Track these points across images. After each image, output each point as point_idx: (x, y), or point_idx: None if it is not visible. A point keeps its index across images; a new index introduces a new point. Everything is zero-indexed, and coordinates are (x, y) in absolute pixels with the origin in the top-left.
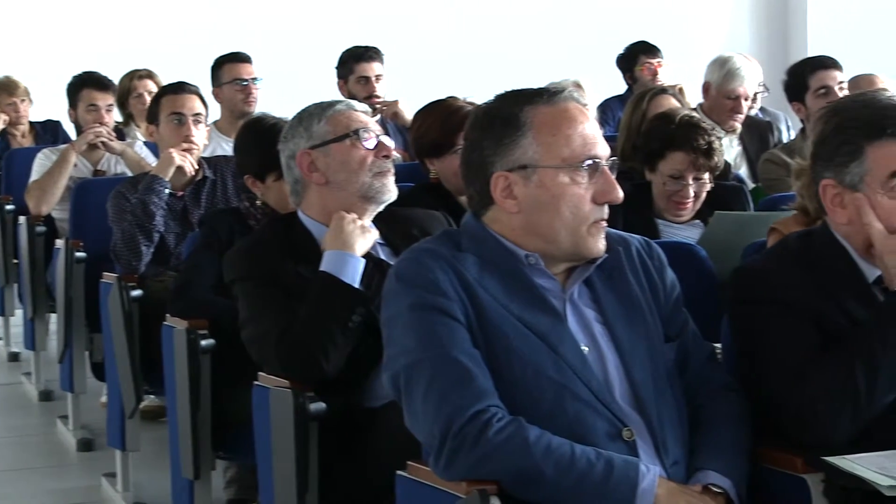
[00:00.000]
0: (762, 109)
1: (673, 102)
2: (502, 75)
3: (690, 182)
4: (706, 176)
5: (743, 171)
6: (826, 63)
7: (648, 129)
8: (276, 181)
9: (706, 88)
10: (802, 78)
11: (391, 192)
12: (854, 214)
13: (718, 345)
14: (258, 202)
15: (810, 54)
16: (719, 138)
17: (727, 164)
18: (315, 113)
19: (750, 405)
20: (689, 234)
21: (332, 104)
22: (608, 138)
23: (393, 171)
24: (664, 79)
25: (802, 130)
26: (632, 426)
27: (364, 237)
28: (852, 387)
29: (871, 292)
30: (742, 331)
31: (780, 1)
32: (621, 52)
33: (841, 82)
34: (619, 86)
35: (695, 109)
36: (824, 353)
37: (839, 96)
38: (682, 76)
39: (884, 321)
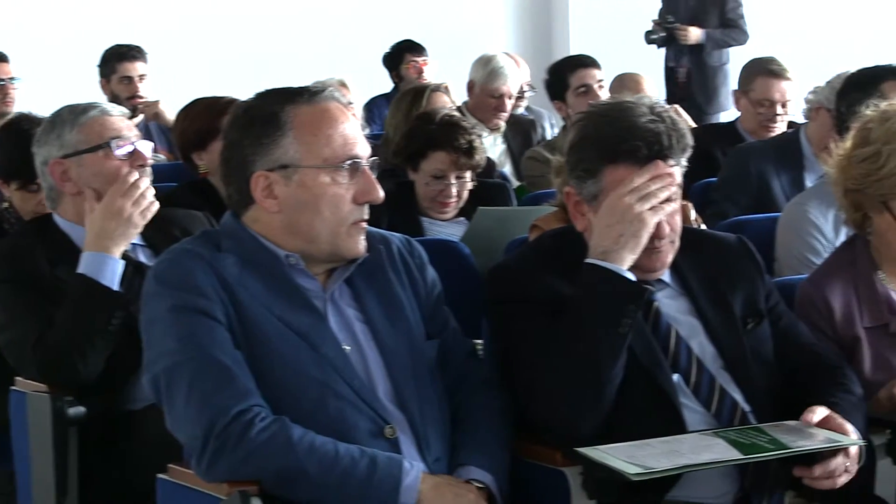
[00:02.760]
0: (527, 108)
1: (447, 100)
2: (268, 75)
3: (453, 181)
4: (468, 175)
5: (507, 169)
6: (585, 62)
7: (410, 129)
8: (18, 190)
9: (470, 87)
10: (563, 76)
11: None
12: (589, 226)
13: (480, 341)
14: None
15: (573, 53)
16: (480, 137)
17: (491, 162)
18: (67, 120)
19: (509, 400)
20: (454, 231)
21: (85, 110)
22: (375, 136)
23: (150, 177)
24: (430, 77)
25: (564, 128)
26: (394, 424)
27: (126, 235)
28: (580, 369)
29: None
30: (496, 329)
31: (543, 1)
32: (387, 50)
33: (600, 80)
34: (385, 84)
35: (459, 108)
36: (559, 347)
37: (599, 95)
38: (448, 75)
39: (584, 290)
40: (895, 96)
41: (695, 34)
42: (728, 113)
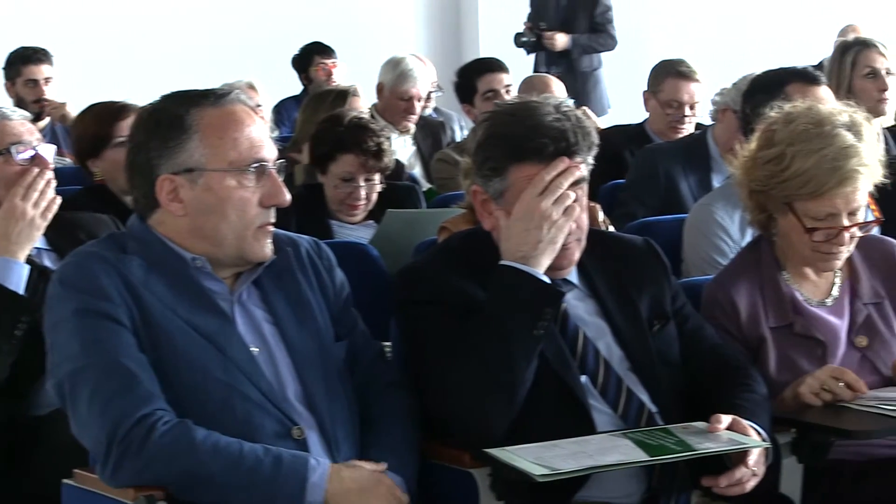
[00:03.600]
0: (436, 109)
1: (359, 103)
2: (175, 76)
3: (361, 183)
4: (377, 177)
5: (417, 171)
6: (493, 66)
7: (318, 133)
8: None
9: (380, 89)
10: (470, 81)
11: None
12: (498, 225)
13: (388, 343)
14: None
15: (482, 55)
16: (388, 139)
17: (400, 164)
18: None
19: (417, 402)
20: (363, 233)
21: None
22: (284, 139)
23: (54, 180)
24: (339, 80)
25: (474, 130)
26: (303, 425)
27: (30, 237)
28: (494, 371)
29: None
30: (405, 330)
31: (452, 2)
32: (296, 52)
33: (508, 85)
34: (295, 85)
35: (369, 110)
36: (472, 348)
37: (506, 99)
38: (357, 77)
39: (497, 290)
40: (800, 98)
41: (562, 41)
42: (604, 118)
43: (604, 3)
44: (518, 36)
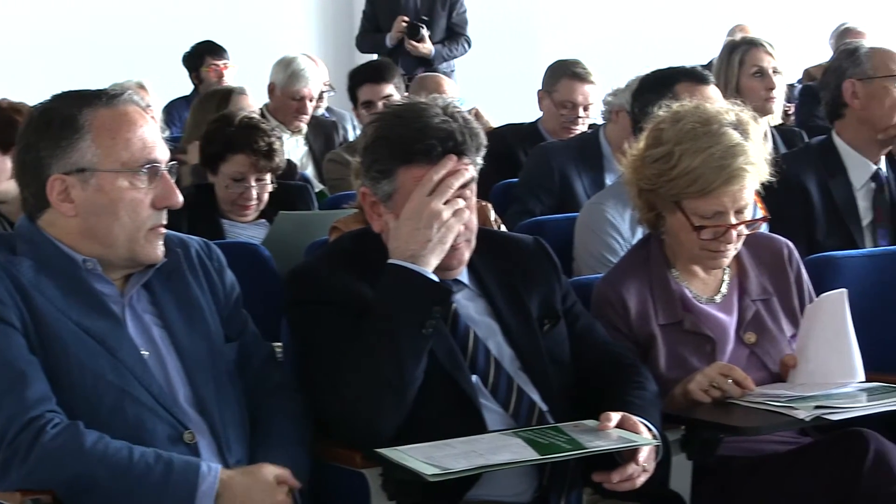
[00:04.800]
0: (328, 109)
1: (250, 103)
2: (65, 76)
3: (252, 183)
4: (268, 177)
5: (309, 171)
6: (373, 77)
7: (209, 133)
8: None
9: (271, 89)
10: (353, 89)
11: None
12: (386, 227)
13: (279, 344)
14: None
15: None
16: (280, 139)
17: (292, 164)
18: None
19: (308, 403)
20: (254, 233)
21: None
22: (174, 139)
23: None
24: (230, 80)
25: (363, 132)
26: (194, 428)
27: None
28: (383, 370)
29: None
30: (295, 331)
31: (345, 2)
32: (187, 51)
33: (387, 96)
34: (185, 85)
35: (260, 110)
36: (362, 348)
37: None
38: (250, 77)
39: (385, 288)
40: (688, 97)
41: (425, 49)
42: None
43: (462, 2)
44: (413, 28)
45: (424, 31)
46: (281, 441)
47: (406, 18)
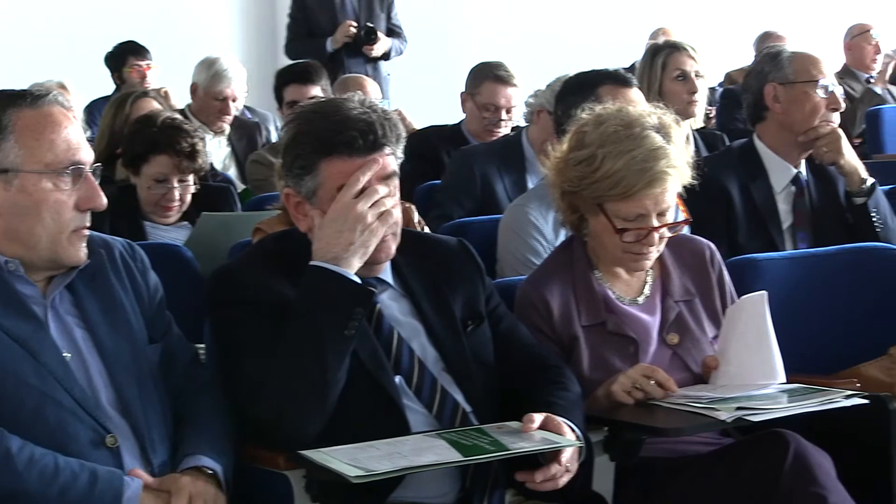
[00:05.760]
0: (251, 110)
1: (155, 105)
2: None
3: (175, 184)
4: (191, 178)
5: (232, 172)
6: (299, 77)
7: (131, 133)
8: None
9: (194, 90)
10: (279, 89)
11: None
12: (314, 225)
13: (203, 346)
14: None
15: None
16: (202, 140)
17: (215, 169)
18: None
19: (232, 404)
20: (177, 235)
21: None
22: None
23: None
24: (153, 81)
25: (284, 133)
26: (117, 431)
27: None
28: (306, 372)
29: None
30: (218, 332)
31: (268, 3)
32: (110, 51)
33: (312, 97)
34: (108, 85)
35: (183, 111)
36: (285, 349)
37: None
38: (173, 77)
39: (307, 290)
40: (611, 100)
41: (381, 49)
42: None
43: (395, 3)
44: (369, 30)
45: (381, 33)
46: (210, 435)
47: (354, 23)
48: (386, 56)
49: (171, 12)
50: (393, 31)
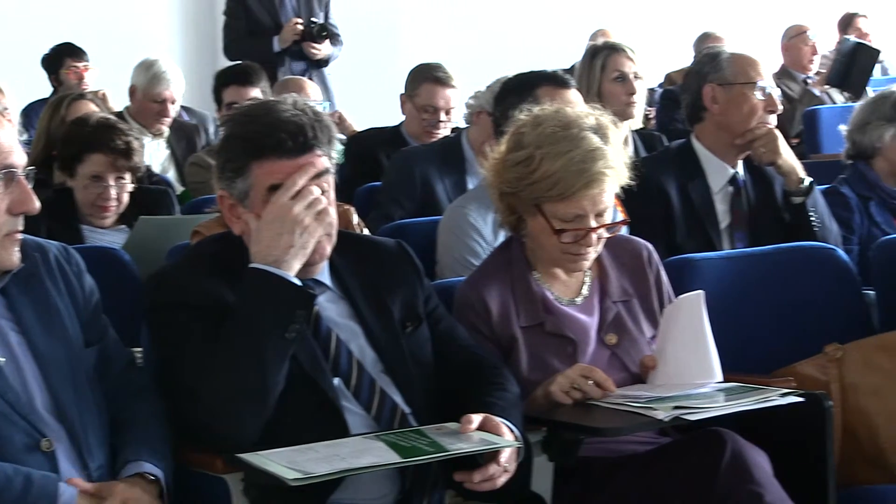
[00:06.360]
0: (189, 111)
1: (92, 107)
2: None
3: (111, 183)
4: (127, 176)
5: (171, 175)
6: (239, 79)
7: (65, 135)
8: None
9: (132, 92)
10: (218, 90)
11: None
12: (247, 228)
13: (140, 349)
14: None
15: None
16: (138, 139)
17: (149, 169)
18: None
19: (169, 408)
20: (115, 238)
21: None
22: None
23: None
24: (91, 83)
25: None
26: (52, 436)
27: None
28: (245, 375)
29: None
30: (155, 335)
31: (207, 5)
32: (46, 53)
33: (251, 99)
34: (45, 88)
35: (121, 113)
36: (224, 353)
37: None
38: (111, 79)
39: (248, 293)
40: (549, 101)
41: (327, 51)
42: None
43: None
44: (321, 27)
45: (334, 30)
46: (150, 440)
47: (301, 21)
48: (325, 61)
49: (109, 13)
50: (331, 32)
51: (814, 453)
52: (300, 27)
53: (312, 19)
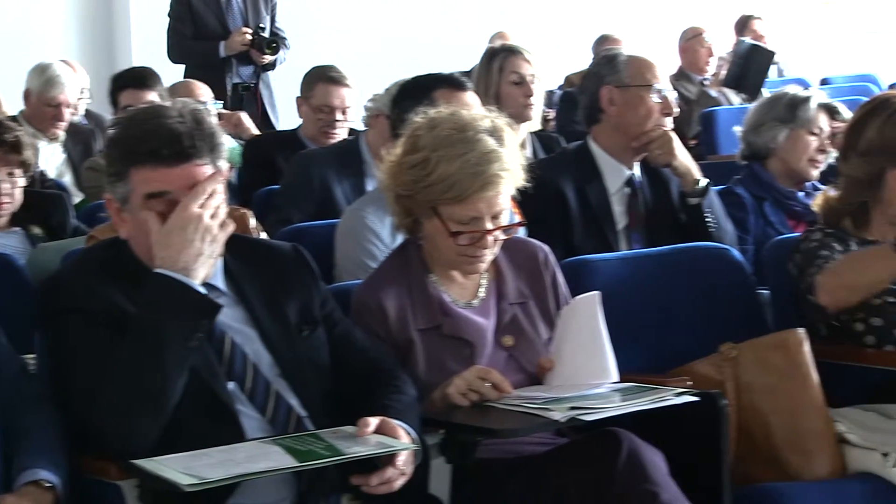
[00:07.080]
0: (88, 114)
1: None
2: None
3: (3, 177)
4: (18, 172)
5: (67, 179)
6: (134, 82)
7: None
8: None
9: (27, 96)
10: (114, 94)
11: None
12: (134, 230)
13: (33, 356)
14: None
15: (135, 60)
16: (31, 136)
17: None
18: None
19: (64, 415)
20: (8, 242)
21: None
22: None
23: None
24: None
25: None
26: None
27: None
28: (144, 382)
29: None
30: (50, 342)
31: (104, 7)
32: None
33: (146, 103)
34: None
35: (15, 117)
36: (122, 359)
37: None
38: (7, 82)
39: (154, 300)
40: (446, 104)
41: (272, 57)
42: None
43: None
44: (271, 40)
45: (282, 36)
46: (46, 448)
47: (249, 30)
48: (272, 65)
49: (5, 16)
50: (277, 35)
51: (709, 452)
52: (248, 37)
53: (261, 25)
